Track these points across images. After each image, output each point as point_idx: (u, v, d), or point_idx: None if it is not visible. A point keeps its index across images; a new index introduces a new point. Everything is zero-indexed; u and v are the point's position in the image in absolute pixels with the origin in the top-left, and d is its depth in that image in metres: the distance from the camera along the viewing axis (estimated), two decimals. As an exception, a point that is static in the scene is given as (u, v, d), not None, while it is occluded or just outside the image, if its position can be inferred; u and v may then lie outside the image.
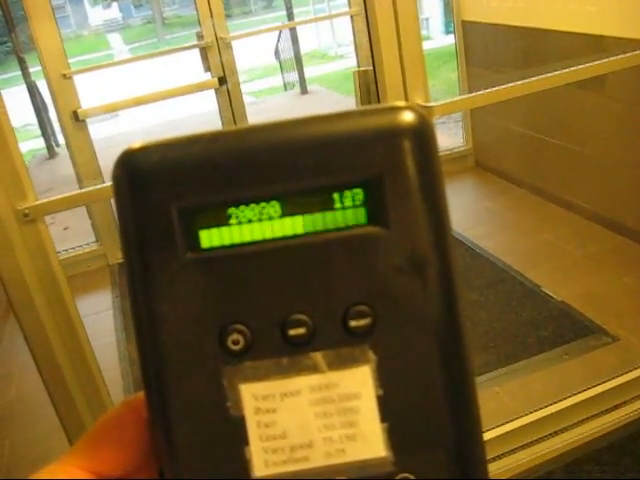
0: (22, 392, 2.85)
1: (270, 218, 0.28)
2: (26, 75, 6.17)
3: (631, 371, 2.18)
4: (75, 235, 4.37)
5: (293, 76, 8.70)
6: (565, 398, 2.12)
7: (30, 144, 8.65)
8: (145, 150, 0.28)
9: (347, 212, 0.28)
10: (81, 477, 0.29)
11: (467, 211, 3.97)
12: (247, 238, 0.28)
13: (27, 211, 1.46)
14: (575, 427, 2.09)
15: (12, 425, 2.73)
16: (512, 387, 2.37)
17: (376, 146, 0.28)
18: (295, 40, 8.02)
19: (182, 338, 0.28)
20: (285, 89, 9.05)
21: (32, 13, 3.39)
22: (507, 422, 2.08)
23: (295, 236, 0.28)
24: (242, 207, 0.28)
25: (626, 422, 2.10)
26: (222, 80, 3.69)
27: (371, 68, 1.59)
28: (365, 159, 0.28)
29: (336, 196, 0.28)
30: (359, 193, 0.28)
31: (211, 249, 0.28)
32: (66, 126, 3.58)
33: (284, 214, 0.28)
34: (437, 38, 10.99)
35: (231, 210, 0.28)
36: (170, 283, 0.28)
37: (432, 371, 0.29)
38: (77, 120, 3.55)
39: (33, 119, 7.66)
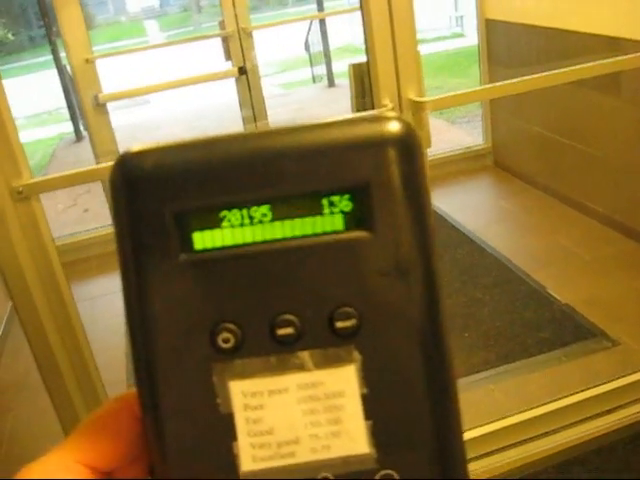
0: (30, 367, 2.90)
1: (261, 222, 0.29)
2: (57, 59, 6.25)
3: (626, 376, 2.17)
4: (95, 217, 4.45)
5: (323, 69, 8.70)
6: (558, 399, 2.12)
7: (60, 127, 8.78)
8: (141, 154, 0.29)
9: (335, 217, 0.29)
10: (74, 469, 0.30)
11: (482, 210, 3.96)
12: (239, 241, 0.29)
13: (21, 189, 1.50)
14: (566, 429, 2.09)
15: (18, 398, 2.80)
16: (507, 386, 2.37)
17: (363, 155, 0.29)
18: (324, 33, 8.01)
19: (174, 337, 0.29)
20: (314, 82, 9.06)
21: (57, -2, 3.44)
22: (498, 420, 2.09)
23: (285, 239, 0.29)
24: (234, 210, 0.29)
25: (617, 427, 2.09)
26: (242, 70, 3.71)
27: (366, 61, 1.60)
28: (352, 167, 0.28)
29: (325, 202, 0.29)
30: (347, 199, 0.29)
31: (204, 251, 0.29)
32: (87, 110, 3.64)
33: (275, 218, 0.29)
34: (471, 36, 10.91)
35: (224, 213, 0.29)
36: (163, 283, 0.29)
37: (415, 372, 0.30)
38: (97, 104, 3.60)
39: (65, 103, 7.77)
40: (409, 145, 0.29)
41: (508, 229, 3.67)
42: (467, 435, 2.03)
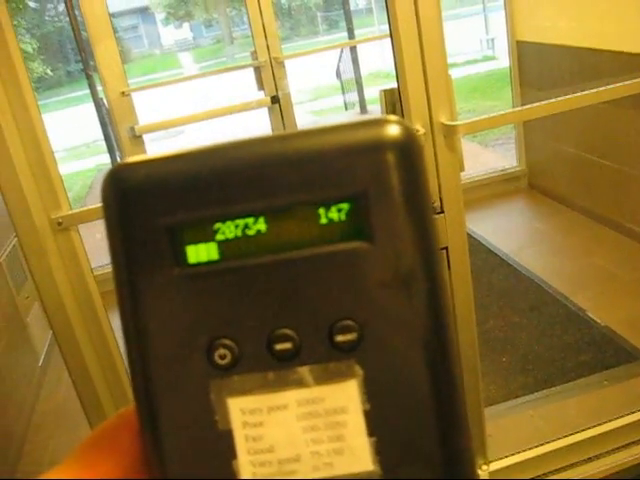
0: (70, 395, 2.94)
1: (256, 233, 0.28)
2: (94, 93, 6.39)
3: (671, 400, 2.12)
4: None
5: (354, 96, 8.75)
6: (600, 424, 2.07)
7: (98, 159, 8.96)
8: (133, 166, 0.28)
9: (333, 227, 0.28)
10: None
11: (517, 233, 3.93)
12: (233, 254, 0.28)
13: (61, 220, 1.54)
14: (609, 455, 2.04)
15: (58, 426, 2.83)
16: (547, 411, 2.33)
17: (361, 160, 0.27)
18: (355, 60, 8.08)
19: (170, 353, 0.28)
20: (346, 109, 9.13)
21: (94, 34, 3.53)
22: (538, 446, 2.05)
23: (281, 251, 0.28)
24: (228, 222, 0.28)
25: (662, 452, 2.04)
26: (275, 99, 3.76)
27: (397, 87, 1.61)
28: (351, 174, 0.27)
29: (322, 211, 0.28)
30: (345, 208, 0.28)
31: (198, 265, 0.28)
32: (124, 142, 3.70)
33: (270, 229, 0.28)
34: (502, 58, 10.90)
35: (217, 225, 0.28)
36: (158, 299, 0.28)
37: (419, 385, 0.28)
38: (134, 136, 3.67)
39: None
40: (409, 150, 0.28)
41: (544, 251, 3.63)
42: (506, 462, 2.00)
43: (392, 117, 0.29)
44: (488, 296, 3.13)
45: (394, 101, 1.65)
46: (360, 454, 0.28)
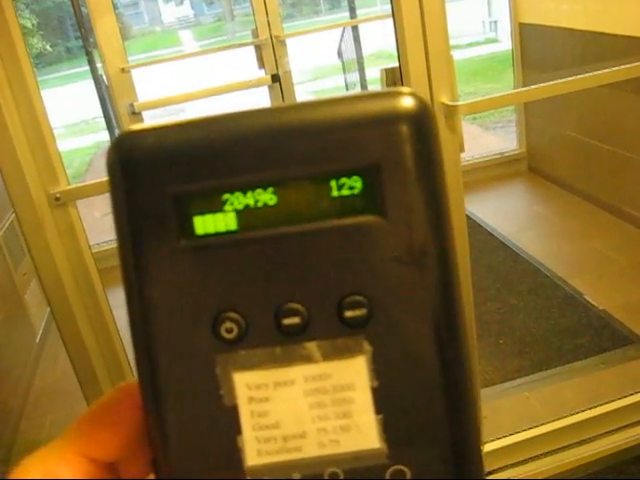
0: (67, 372, 2.95)
1: (266, 205, 0.27)
2: (93, 69, 6.34)
3: (667, 383, 2.13)
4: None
5: (356, 76, 8.70)
6: (595, 407, 2.08)
7: (97, 136, 8.92)
8: (139, 134, 0.27)
9: (344, 200, 0.27)
10: (73, 461, 0.29)
11: (516, 215, 3.93)
12: (242, 225, 0.27)
13: (59, 195, 1.53)
14: (603, 437, 2.05)
15: (55, 402, 2.84)
16: (543, 393, 2.34)
17: (375, 132, 0.27)
18: (357, 40, 8.01)
19: (175, 326, 0.28)
20: (347, 89, 9.08)
21: (94, 10, 3.50)
22: (533, 427, 2.06)
23: (291, 223, 0.27)
24: (237, 193, 0.27)
25: (657, 435, 2.05)
26: (275, 77, 3.73)
27: (398, 66, 1.60)
28: (364, 145, 0.27)
29: (333, 183, 0.27)
30: (357, 181, 0.27)
31: (205, 236, 0.27)
32: (123, 119, 3.68)
33: (280, 201, 0.27)
34: (505, 41, 10.84)
35: (226, 196, 0.27)
36: (163, 270, 0.28)
37: (429, 364, 0.28)
38: (133, 113, 3.65)
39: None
40: (424, 122, 0.27)
41: (543, 235, 3.64)
42: (502, 442, 2.02)
43: (406, 89, 0.28)
44: (486, 278, 3.14)
45: (395, 80, 1.64)
46: (367, 431, 0.28)
